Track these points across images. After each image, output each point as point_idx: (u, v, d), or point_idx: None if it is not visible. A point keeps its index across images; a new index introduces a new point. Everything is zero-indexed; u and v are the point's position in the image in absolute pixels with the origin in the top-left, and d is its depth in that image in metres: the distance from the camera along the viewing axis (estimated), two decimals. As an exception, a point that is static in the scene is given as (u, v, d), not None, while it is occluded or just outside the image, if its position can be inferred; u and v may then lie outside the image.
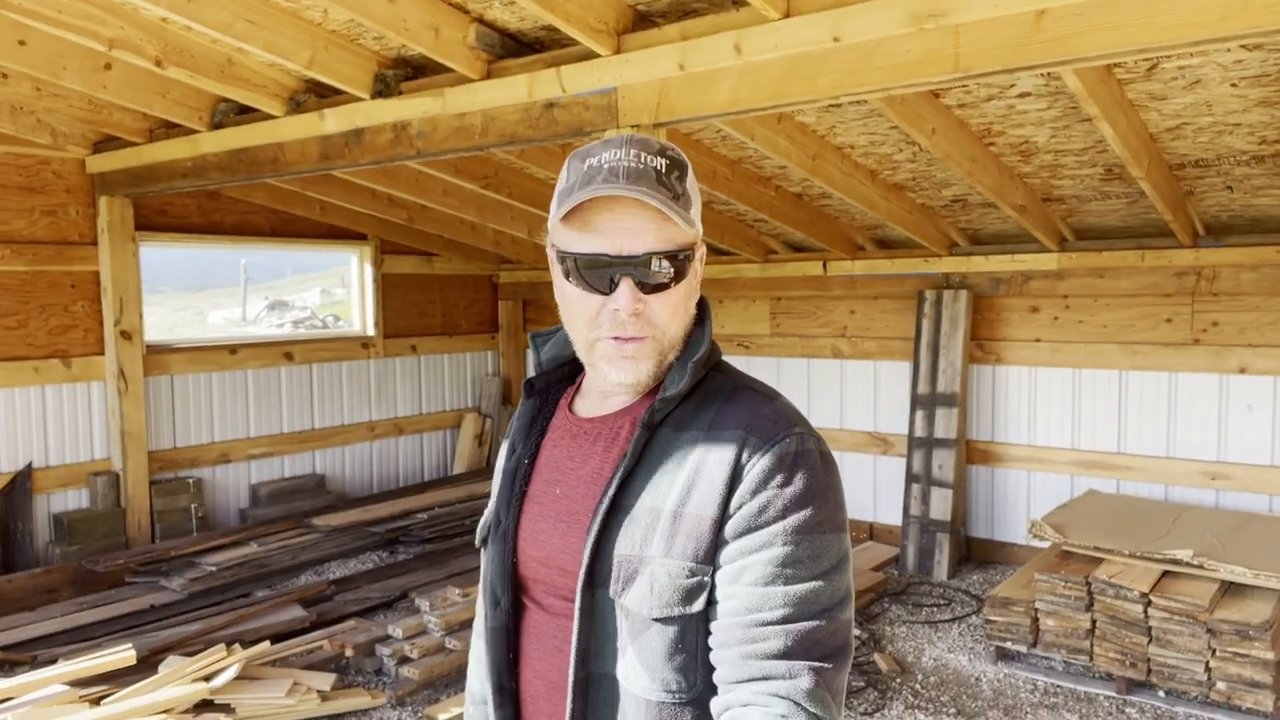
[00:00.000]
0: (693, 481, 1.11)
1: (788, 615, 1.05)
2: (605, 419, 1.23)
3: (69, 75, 4.20)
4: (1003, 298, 5.76)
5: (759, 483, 1.09)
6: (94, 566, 5.11)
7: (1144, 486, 5.33)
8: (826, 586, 1.07)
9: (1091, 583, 3.94)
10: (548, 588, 1.20)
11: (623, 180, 1.09)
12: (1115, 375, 5.44)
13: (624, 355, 1.15)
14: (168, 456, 5.95)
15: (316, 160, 4.30)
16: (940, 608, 5.07)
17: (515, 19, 3.44)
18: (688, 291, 1.18)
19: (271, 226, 6.46)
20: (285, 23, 3.55)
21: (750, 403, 1.16)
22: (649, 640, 1.10)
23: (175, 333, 6.21)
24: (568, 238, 1.15)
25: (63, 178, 5.44)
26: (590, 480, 1.19)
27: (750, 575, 1.07)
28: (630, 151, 1.12)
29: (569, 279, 1.16)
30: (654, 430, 1.16)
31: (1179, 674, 3.74)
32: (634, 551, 1.11)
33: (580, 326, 1.17)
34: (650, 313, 1.14)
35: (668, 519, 1.11)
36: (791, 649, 1.04)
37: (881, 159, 4.63)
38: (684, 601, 1.08)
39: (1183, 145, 4.03)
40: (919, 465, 5.74)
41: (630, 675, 1.11)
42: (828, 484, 1.12)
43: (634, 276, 1.12)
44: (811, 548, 1.07)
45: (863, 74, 2.74)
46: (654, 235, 1.11)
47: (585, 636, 1.12)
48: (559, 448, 1.25)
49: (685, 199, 1.14)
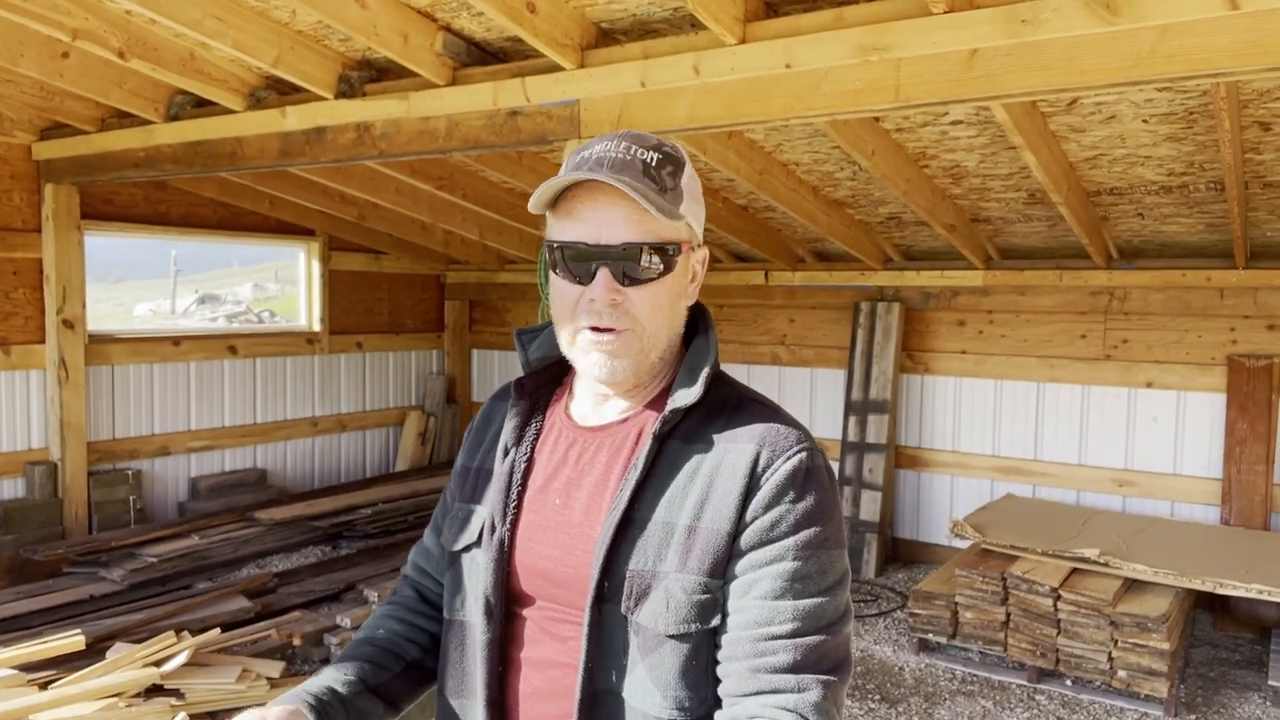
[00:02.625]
0: (706, 495, 1.10)
1: (796, 629, 1.05)
2: (608, 428, 1.20)
3: (26, 62, 4.19)
4: (932, 311, 6.07)
5: (773, 497, 1.09)
6: (32, 555, 5.06)
7: (1058, 492, 5.68)
8: (831, 601, 1.09)
9: (1007, 578, 4.22)
10: (544, 600, 1.17)
11: (606, 169, 1.09)
12: (1034, 387, 5.78)
13: (600, 348, 1.13)
14: (106, 447, 5.90)
15: (276, 156, 4.36)
16: (867, 603, 5.33)
17: (482, 29, 3.58)
18: (674, 289, 1.16)
19: (219, 219, 6.45)
20: (253, 21, 3.63)
21: (759, 416, 1.16)
22: (661, 657, 1.08)
23: (99, 324, 6.13)
24: (555, 227, 1.15)
25: (7, 163, 5.38)
26: (593, 492, 1.16)
27: (760, 589, 1.07)
28: (621, 144, 1.12)
29: (556, 269, 1.15)
30: (663, 441, 1.14)
31: (1084, 663, 4.04)
32: (647, 567, 1.09)
33: (563, 317, 1.16)
34: (629, 305, 1.12)
35: (682, 533, 1.10)
36: (799, 663, 1.04)
37: (823, 176, 4.88)
38: (700, 618, 1.07)
39: (1099, 174, 4.36)
40: (850, 469, 6.01)
41: (639, 693, 1.08)
42: (833, 501, 1.13)
43: (612, 267, 1.11)
44: (819, 563, 1.08)
45: (812, 99, 2.95)
46: (634, 226, 1.10)
47: (592, 653, 1.10)
48: (556, 455, 1.22)
49: (675, 194, 1.13)
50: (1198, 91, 3.36)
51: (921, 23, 2.69)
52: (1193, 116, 3.60)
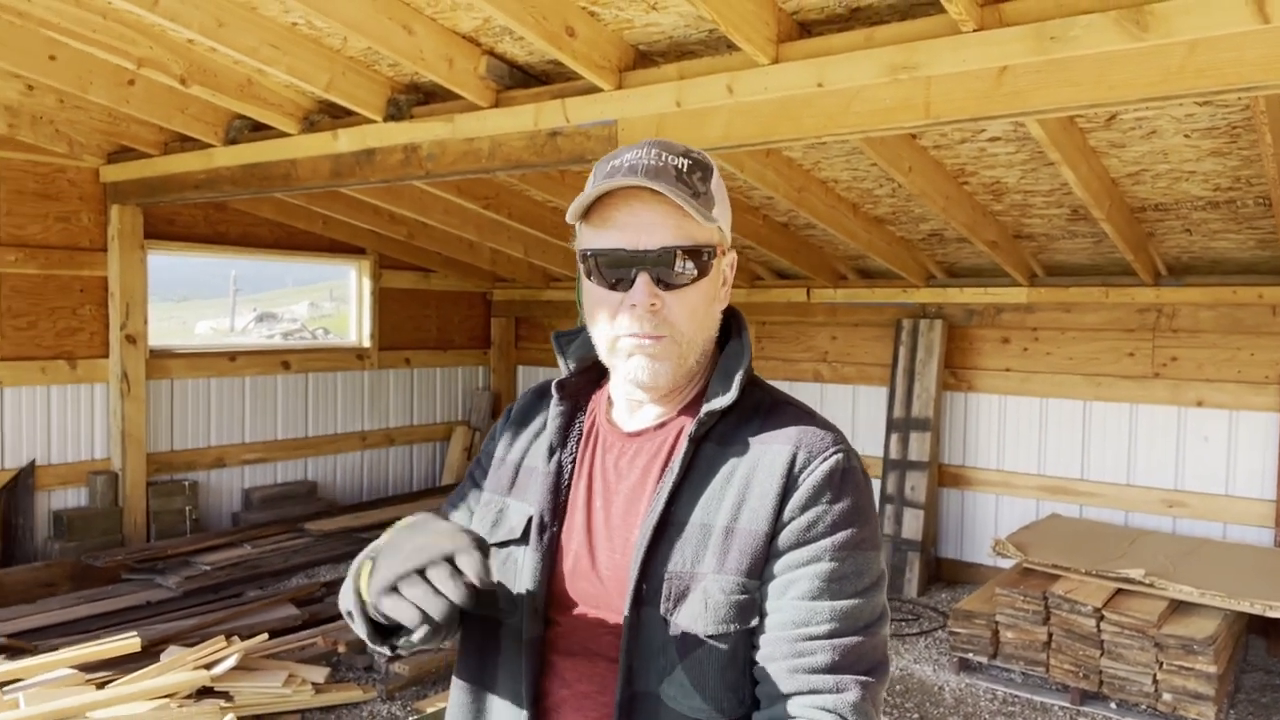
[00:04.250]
0: (743, 496, 1.11)
1: (834, 630, 1.06)
2: (646, 433, 1.21)
3: (94, 90, 4.41)
4: (976, 328, 6.03)
5: (810, 498, 1.10)
6: (93, 562, 5.26)
7: (1105, 512, 5.59)
8: (869, 603, 1.09)
9: (1048, 597, 4.17)
10: (583, 602, 1.17)
11: (641, 175, 1.10)
12: (1080, 405, 5.70)
13: (643, 352, 1.14)
14: (165, 459, 6.11)
15: (328, 177, 4.52)
16: (909, 622, 5.29)
17: (524, 53, 3.68)
18: (709, 293, 1.17)
19: (275, 238, 6.67)
20: (306, 48, 3.78)
21: (794, 418, 1.17)
22: (700, 659, 1.08)
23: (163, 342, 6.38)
24: (588, 236, 1.16)
25: (77, 185, 5.64)
26: (631, 495, 1.18)
27: (797, 589, 1.08)
28: (652, 151, 1.13)
29: (590, 277, 1.16)
30: (699, 445, 1.16)
31: (1128, 686, 3.97)
32: (685, 568, 1.10)
33: (601, 325, 1.17)
34: (667, 311, 1.13)
35: (720, 535, 1.10)
36: (838, 663, 1.05)
37: (863, 193, 4.90)
38: (739, 618, 1.08)
39: (1142, 190, 4.32)
40: (893, 486, 5.98)
41: (679, 695, 1.09)
42: (869, 502, 1.14)
43: (651, 272, 1.12)
44: (856, 564, 1.09)
45: (843, 117, 2.99)
46: (671, 230, 1.11)
47: (631, 655, 1.10)
48: (598, 458, 1.23)
49: (707, 198, 1.14)
50: (1239, 105, 3.33)
51: (951, 41, 2.72)
52: (1235, 131, 3.56)
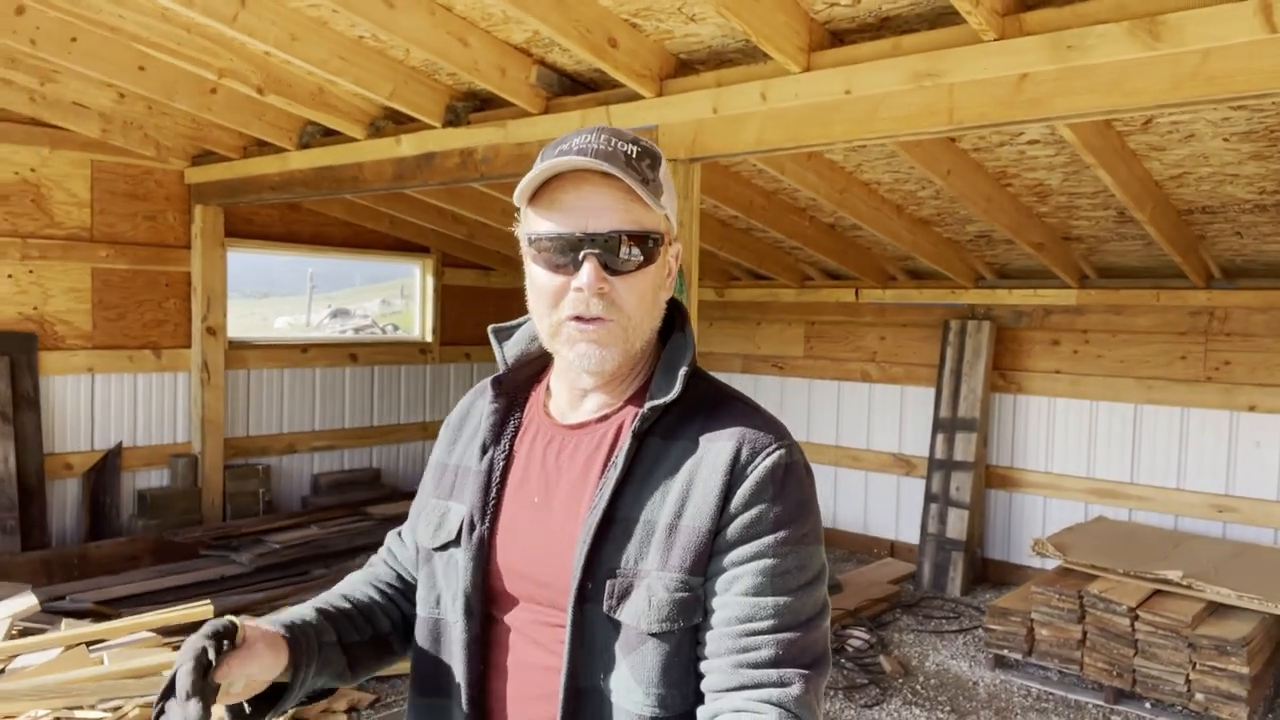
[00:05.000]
0: (687, 493, 1.11)
1: (776, 625, 1.06)
2: (587, 425, 1.20)
3: (180, 97, 4.75)
4: (1025, 330, 6.04)
5: (753, 494, 1.09)
6: (173, 538, 5.63)
7: (1155, 516, 5.56)
8: (810, 596, 1.10)
9: (1084, 596, 4.21)
10: (525, 600, 1.17)
11: (591, 157, 1.08)
12: (1130, 409, 5.68)
13: (587, 338, 1.12)
14: (240, 444, 6.48)
15: (391, 179, 4.79)
16: (949, 620, 5.35)
17: (572, 62, 3.88)
18: (657, 280, 1.16)
19: (344, 237, 7.01)
20: (372, 59, 4.04)
21: (739, 413, 1.16)
22: (644, 655, 1.08)
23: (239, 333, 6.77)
24: (534, 220, 1.14)
25: (163, 187, 6.04)
26: (572, 490, 1.16)
27: (741, 585, 1.08)
28: (601, 136, 1.11)
29: (536, 262, 1.14)
30: (642, 439, 1.14)
31: (1162, 685, 3.99)
32: (628, 565, 1.09)
33: (544, 310, 1.15)
34: (616, 295, 1.12)
35: (663, 532, 1.10)
36: (780, 658, 1.06)
37: (906, 195, 4.98)
38: (683, 615, 1.08)
39: (1187, 192, 4.32)
40: (937, 486, 6.03)
41: (622, 690, 1.09)
42: (811, 497, 1.14)
43: (599, 256, 1.10)
44: (798, 559, 1.10)
45: (870, 123, 3.12)
46: (621, 214, 1.10)
47: (575, 651, 1.10)
48: (535, 453, 1.21)
49: (656, 185, 1.13)
50: (1275, 110, 3.35)
51: (973, 50, 2.83)
52: (1275, 135, 3.57)
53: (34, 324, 5.54)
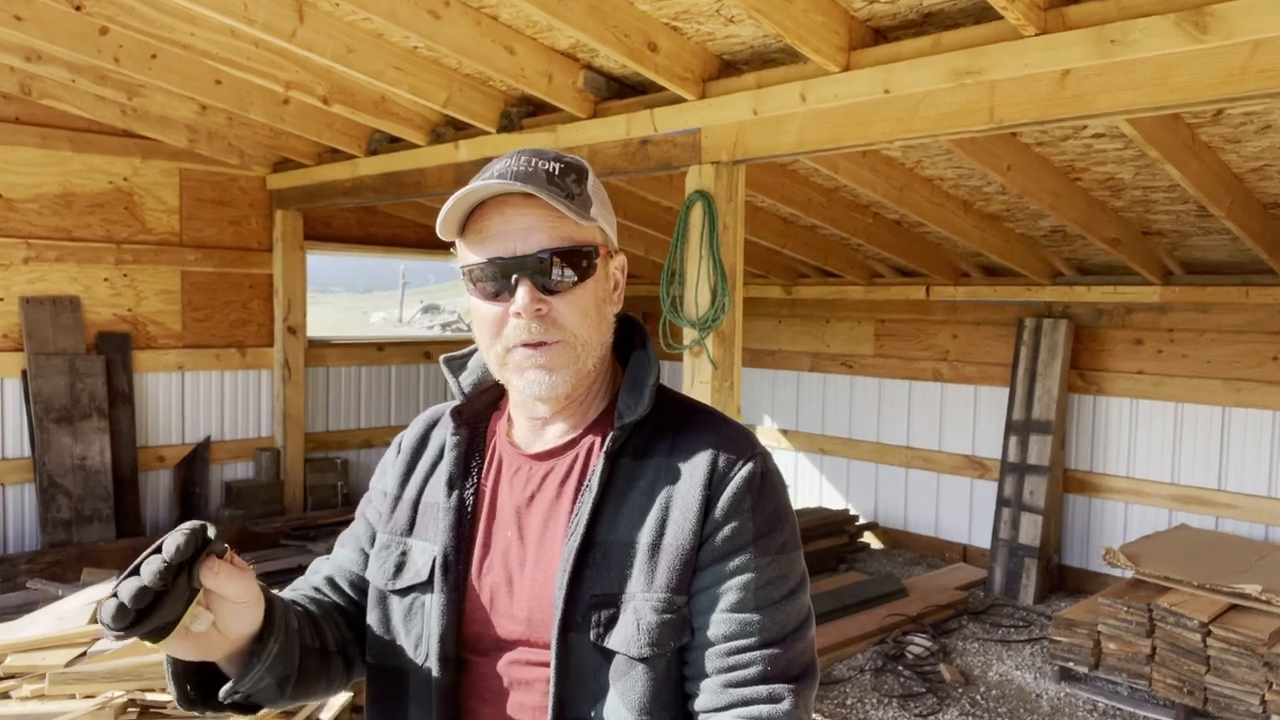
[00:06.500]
0: (666, 511, 1.09)
1: (763, 640, 1.06)
2: (555, 451, 1.17)
3: (255, 109, 4.97)
4: (1105, 328, 5.79)
5: (731, 506, 1.08)
6: (256, 528, 5.91)
7: (1244, 525, 5.26)
8: (793, 606, 1.10)
9: (1153, 609, 4.03)
10: (506, 638, 1.13)
11: (510, 179, 1.07)
12: (1218, 411, 5.39)
13: (535, 363, 1.10)
14: (320, 438, 6.75)
15: (451, 184, 4.91)
16: (1018, 629, 5.18)
17: (618, 65, 3.90)
18: (599, 295, 1.14)
19: (419, 239, 7.21)
20: (427, 69, 4.15)
21: (708, 425, 1.15)
22: (634, 681, 1.06)
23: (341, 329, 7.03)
24: (465, 252, 1.13)
25: (247, 193, 6.32)
26: (546, 520, 1.14)
27: (726, 601, 1.07)
28: (522, 158, 1.10)
29: (474, 294, 1.13)
30: (614, 460, 1.12)
31: (1235, 704, 3.79)
32: (612, 590, 1.07)
33: (488, 340, 1.13)
34: (556, 315, 1.10)
35: (646, 552, 1.08)
36: (769, 674, 1.05)
37: (972, 191, 4.83)
38: (673, 637, 1.06)
39: (1271, 185, 4.07)
40: (1010, 490, 5.84)
41: (612, 718, 1.07)
42: (787, 503, 1.13)
43: (531, 279, 1.08)
44: (780, 568, 1.09)
45: (910, 122, 3.04)
46: (547, 233, 1.09)
47: (562, 684, 1.07)
48: (504, 485, 1.18)
49: (583, 199, 1.11)
50: (1358, 97, 3.13)
51: (1013, 46, 2.74)
52: (1361, 123, 3.34)
53: (128, 325, 5.88)
